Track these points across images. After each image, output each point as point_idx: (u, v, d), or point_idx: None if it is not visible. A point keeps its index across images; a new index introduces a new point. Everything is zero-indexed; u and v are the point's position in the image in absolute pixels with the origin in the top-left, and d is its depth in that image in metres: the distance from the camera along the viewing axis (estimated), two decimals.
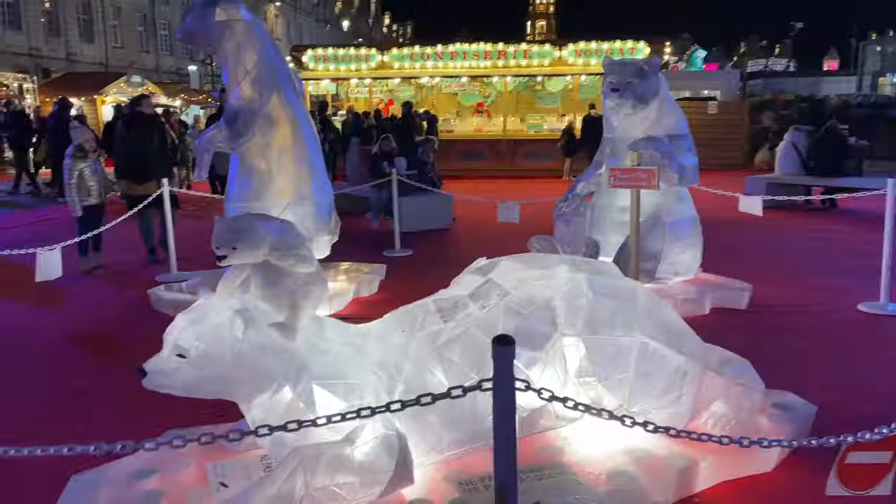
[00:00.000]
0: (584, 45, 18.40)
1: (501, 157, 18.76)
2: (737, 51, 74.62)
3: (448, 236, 9.45)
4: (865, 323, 5.21)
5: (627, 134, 5.81)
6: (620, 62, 5.79)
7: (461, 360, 2.82)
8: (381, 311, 3.40)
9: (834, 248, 8.06)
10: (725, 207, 10.54)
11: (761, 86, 35.20)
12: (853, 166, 12.27)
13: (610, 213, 6.10)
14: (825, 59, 60.20)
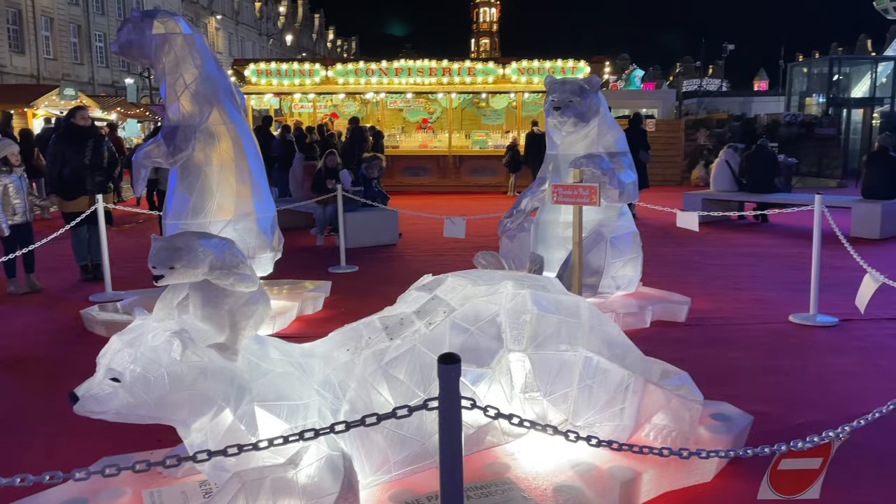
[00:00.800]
0: (526, 63, 18.76)
1: (447, 173, 18.87)
2: (673, 71, 77.20)
3: (394, 252, 9.42)
4: (796, 334, 5.42)
5: (569, 151, 5.93)
6: (562, 81, 5.90)
7: (408, 378, 2.80)
8: (326, 328, 3.35)
9: (766, 261, 8.38)
10: (664, 222, 10.88)
11: (696, 105, 36.46)
12: (783, 183, 12.83)
13: (553, 229, 6.19)
14: (755, 80, 62.91)
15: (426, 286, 3.25)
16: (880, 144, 11.03)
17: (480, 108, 20.36)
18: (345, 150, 14.18)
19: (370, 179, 9.81)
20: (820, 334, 5.39)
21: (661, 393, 3.15)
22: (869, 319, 5.43)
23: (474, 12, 73.72)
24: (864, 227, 9.70)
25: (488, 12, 73.35)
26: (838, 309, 5.80)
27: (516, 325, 3.00)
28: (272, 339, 2.90)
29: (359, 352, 2.86)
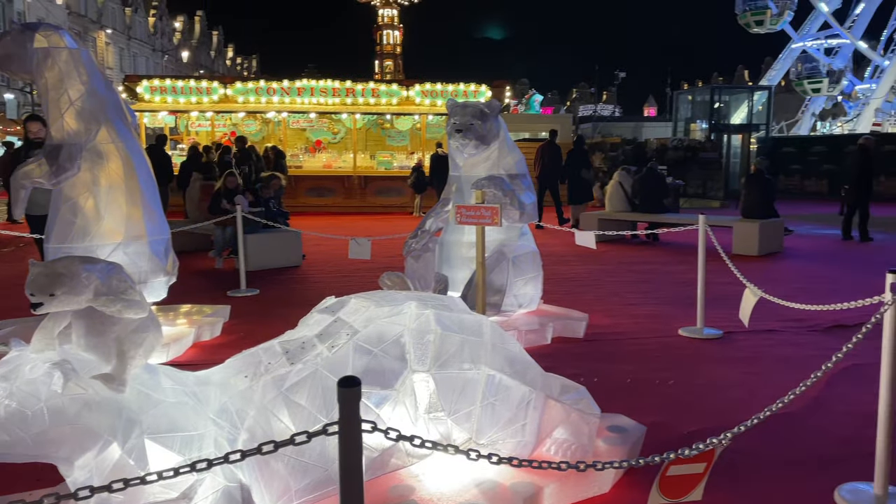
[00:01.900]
0: (430, 86, 19.03)
1: (352, 194, 18.77)
2: (570, 96, 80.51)
3: (297, 274, 9.24)
4: (686, 346, 5.72)
5: (471, 173, 6.05)
6: (463, 104, 6.02)
7: (309, 404, 2.74)
8: (224, 355, 3.24)
9: (658, 278, 8.82)
10: (563, 242, 11.25)
11: (592, 129, 38.14)
12: (671, 203, 13.59)
13: (458, 249, 6.27)
14: (645, 106, 66.58)
15: (328, 308, 3.21)
16: (756, 168, 11.91)
17: (385, 129, 20.44)
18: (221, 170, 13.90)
19: (268, 200, 9.61)
20: (707, 346, 5.72)
21: (560, 408, 3.23)
22: (749, 331, 5.81)
23: (377, 34, 74.15)
24: (744, 245, 10.41)
25: (391, 35, 73.97)
26: (723, 322, 6.18)
27: (420, 346, 3.01)
28: (164, 368, 2.77)
29: (258, 378, 2.77)
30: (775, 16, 33.58)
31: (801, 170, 24.19)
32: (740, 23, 35.07)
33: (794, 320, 6.29)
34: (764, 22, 34.00)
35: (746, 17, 34.49)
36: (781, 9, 33.75)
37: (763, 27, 34.33)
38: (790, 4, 33.70)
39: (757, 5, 33.94)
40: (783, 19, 33.89)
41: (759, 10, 33.90)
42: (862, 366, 4.85)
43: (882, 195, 18.90)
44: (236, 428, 2.63)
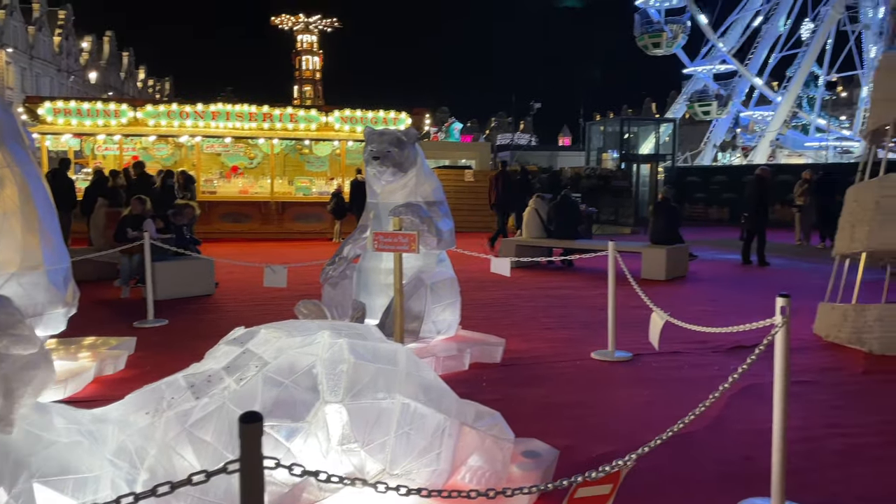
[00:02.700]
0: (349, 112, 19.01)
1: (269, 220, 18.41)
2: (489, 125, 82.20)
3: (209, 303, 8.94)
4: (598, 369, 5.88)
5: (389, 199, 6.07)
6: (380, 132, 6.05)
7: (215, 440, 2.64)
8: (127, 389, 3.08)
9: (572, 302, 9.05)
10: (480, 268, 11.39)
11: (509, 157, 39.03)
12: (585, 230, 14.02)
13: (375, 276, 6.24)
14: (560, 136, 68.80)
15: (237, 340, 3.12)
16: (663, 196, 12.48)
17: (304, 154, 20.21)
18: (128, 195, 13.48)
19: (180, 226, 9.29)
20: (618, 369, 5.89)
21: (475, 434, 3.25)
22: (657, 353, 6.03)
23: (297, 60, 73.62)
24: (653, 270, 10.85)
25: (311, 60, 73.61)
26: (633, 344, 6.39)
27: (333, 376, 2.96)
28: (57, 406, 2.61)
29: (160, 414, 2.65)
30: (671, 38, 35.96)
31: (704, 198, 25.51)
32: (639, 45, 37.25)
33: (698, 342, 6.58)
34: (661, 44, 36.35)
35: (644, 40, 36.76)
36: (676, 33, 36.13)
37: (660, 49, 36.63)
38: (684, 28, 36.14)
39: (653, 28, 36.22)
40: (678, 42, 36.33)
41: (655, 33, 36.20)
42: (761, 384, 5.12)
43: (778, 222, 20.13)
44: (136, 468, 2.50)
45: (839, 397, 5.11)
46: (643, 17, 36.68)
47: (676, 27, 35.98)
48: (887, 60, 6.44)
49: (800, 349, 6.37)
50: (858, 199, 6.49)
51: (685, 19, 35.92)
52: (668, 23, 36.12)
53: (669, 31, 35.98)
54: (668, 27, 36.04)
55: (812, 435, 4.27)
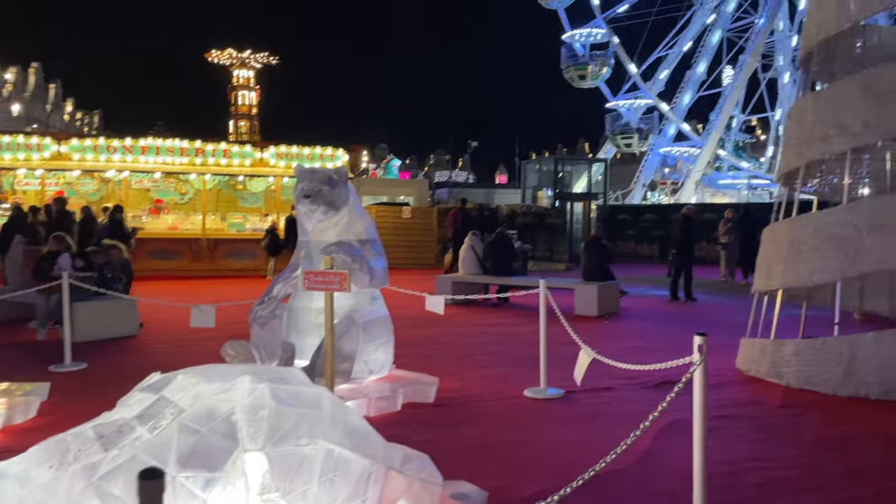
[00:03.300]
0: (285, 148, 18.86)
1: (201, 257, 17.94)
2: (427, 162, 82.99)
3: (133, 345, 8.58)
4: (531, 407, 5.90)
5: (320, 238, 6.01)
6: (311, 170, 6.02)
7: (125, 493, 2.50)
8: (36, 440, 2.90)
9: (507, 339, 9.10)
10: (415, 305, 11.35)
11: (447, 194, 39.38)
12: (520, 267, 14.19)
13: (306, 316, 6.14)
14: (497, 173, 69.98)
15: (152, 386, 2.99)
16: (594, 234, 12.79)
17: (238, 190, 19.89)
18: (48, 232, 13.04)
19: (102, 266, 8.95)
20: (549, 406, 5.93)
21: (402, 479, 3.19)
22: (588, 390, 6.11)
23: (233, 95, 72.81)
24: (585, 307, 11.05)
25: (247, 96, 72.93)
26: (565, 381, 6.43)
27: (253, 422, 2.87)
28: None
29: (65, 467, 2.50)
30: (595, 71, 37.62)
31: (634, 235, 26.28)
32: (565, 77, 38.77)
33: (627, 378, 6.69)
34: (586, 77, 38.03)
35: (570, 72, 38.40)
36: (600, 66, 37.82)
37: (586, 81, 38.28)
38: (607, 62, 37.90)
39: (578, 62, 37.87)
40: (602, 75, 37.98)
41: (580, 66, 37.86)
42: (688, 419, 5.22)
43: (704, 259, 20.90)
44: None
45: (758, 431, 5.28)
46: (569, 50, 38.34)
47: (600, 61, 37.72)
48: (796, 109, 6.85)
49: (722, 384, 6.58)
50: (773, 238, 6.81)
51: (609, 54, 37.64)
52: (592, 57, 37.81)
53: (594, 65, 37.72)
54: (592, 61, 37.78)
55: (733, 469, 4.38)
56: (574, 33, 37.89)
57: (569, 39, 38.21)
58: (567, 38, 38.21)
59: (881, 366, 5.83)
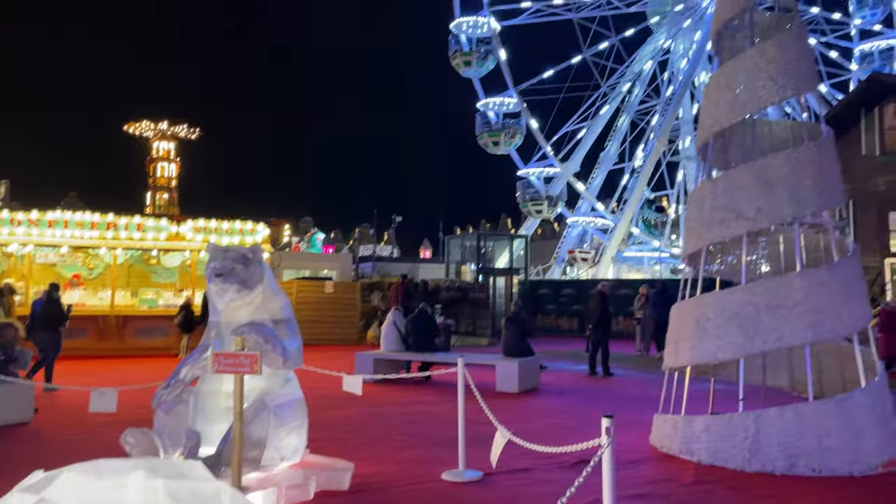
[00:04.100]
0: (203, 221, 18.46)
1: (108, 335, 17.03)
2: (351, 236, 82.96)
3: (24, 434, 7.94)
4: (448, 491, 5.76)
5: (232, 318, 5.83)
6: (224, 248, 5.89)
7: None
8: None
9: (427, 419, 8.95)
10: (333, 384, 11.08)
11: (371, 268, 39.32)
12: (442, 342, 14.17)
13: (215, 400, 5.87)
14: (421, 248, 70.67)
15: (32, 487, 2.74)
16: (514, 310, 12.97)
17: (151, 265, 19.20)
18: None
19: None
20: (468, 490, 5.81)
21: None
22: (507, 472, 6.04)
23: (151, 167, 71.28)
24: (506, 383, 11.06)
25: (167, 168, 71.58)
26: (484, 463, 6.34)
27: None
28: None
29: None
30: (508, 138, 39.23)
31: (555, 309, 26.83)
32: (480, 143, 40.20)
33: (545, 457, 6.64)
34: (500, 143, 39.53)
35: (484, 138, 39.98)
36: (512, 134, 39.48)
37: (500, 148, 39.78)
38: (519, 130, 39.62)
39: (492, 129, 39.43)
40: (515, 142, 39.57)
41: (494, 133, 39.42)
42: None
43: (621, 333, 21.49)
44: None
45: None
46: (483, 118, 39.95)
47: (512, 129, 39.42)
48: (696, 195, 7.28)
49: (639, 461, 6.64)
50: (681, 316, 7.09)
51: (521, 123, 39.37)
52: (505, 125, 39.47)
53: (506, 132, 39.40)
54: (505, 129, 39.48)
55: None
56: (487, 101, 39.57)
57: (483, 107, 39.89)
58: (481, 105, 39.90)
59: (785, 441, 6.05)
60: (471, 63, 38.80)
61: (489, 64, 38.72)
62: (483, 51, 38.64)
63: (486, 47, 38.60)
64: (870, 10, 40.50)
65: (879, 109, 17.68)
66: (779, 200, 6.45)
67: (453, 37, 39.38)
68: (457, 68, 39.48)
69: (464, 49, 38.93)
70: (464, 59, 38.89)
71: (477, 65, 38.77)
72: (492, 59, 38.45)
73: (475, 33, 39.02)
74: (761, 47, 6.91)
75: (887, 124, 17.54)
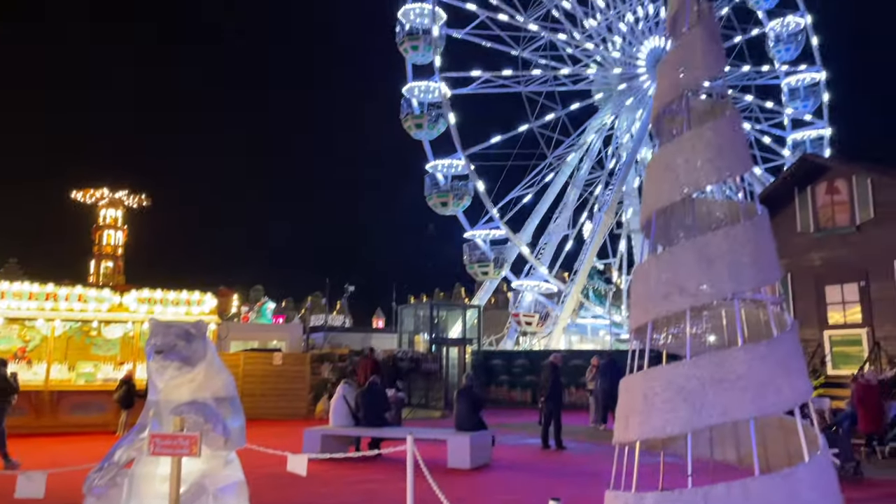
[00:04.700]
0: (148, 292, 18.02)
1: (42, 412, 16.18)
2: (303, 305, 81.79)
3: None
4: None
5: (172, 396, 5.62)
6: (166, 324, 5.73)
7: None
8: None
9: (374, 498, 8.67)
10: (278, 463, 10.69)
11: (322, 339, 38.64)
12: (394, 416, 13.89)
13: (150, 484, 5.57)
14: (374, 318, 69.95)
15: None
16: (465, 383, 12.86)
17: (91, 337, 18.50)
18: None
19: None
20: None
21: None
22: None
23: (97, 235, 69.45)
24: (458, 459, 10.85)
25: (114, 236, 69.85)
26: None
27: None
28: None
29: None
30: (456, 200, 39.72)
31: (508, 380, 26.72)
32: (429, 204, 40.55)
33: None
34: (448, 204, 40.02)
35: (433, 199, 40.38)
36: (461, 195, 39.98)
37: (448, 209, 40.23)
38: (467, 192, 40.12)
39: (440, 190, 39.96)
40: (463, 203, 40.03)
41: (442, 194, 39.91)
42: None
43: (574, 404, 21.45)
44: None
45: None
46: (431, 179, 40.47)
47: (460, 191, 39.99)
48: (641, 270, 7.46)
49: None
50: (629, 389, 7.13)
51: (469, 185, 39.94)
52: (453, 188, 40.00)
53: (455, 194, 39.93)
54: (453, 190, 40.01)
55: None
56: (436, 163, 40.22)
57: (432, 169, 40.53)
58: (430, 167, 40.53)
59: None
60: (422, 126, 39.61)
61: (440, 127, 39.59)
62: (434, 115, 39.58)
63: (437, 111, 39.56)
64: (801, 102, 43.44)
65: (812, 188, 18.63)
66: (719, 276, 6.66)
67: (405, 100, 40.27)
68: (408, 130, 40.24)
69: (415, 112, 39.78)
70: (415, 121, 39.68)
71: (428, 128, 39.60)
72: (442, 123, 39.33)
73: (427, 98, 40.01)
74: (698, 131, 7.27)
75: (819, 202, 18.45)
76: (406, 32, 39.41)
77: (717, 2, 42.86)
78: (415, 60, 39.74)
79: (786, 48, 42.79)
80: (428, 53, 39.14)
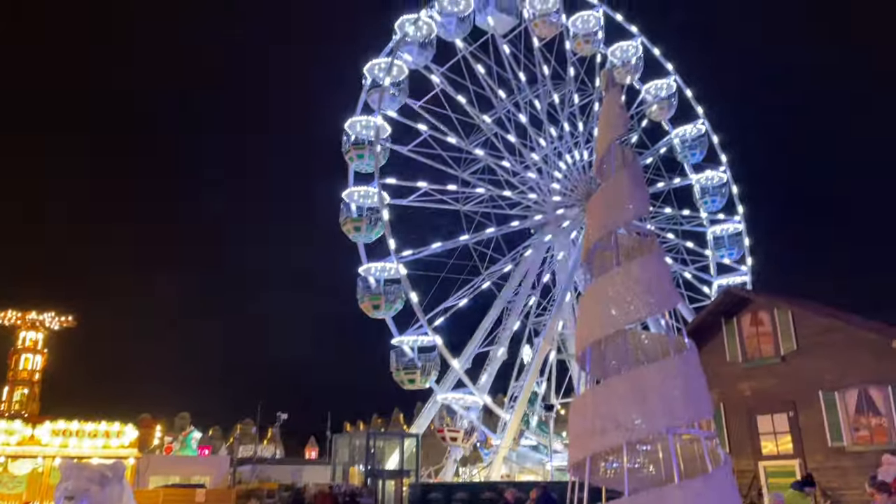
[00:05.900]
0: (64, 423, 16.87)
1: None
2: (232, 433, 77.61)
3: None
4: None
5: None
6: (80, 466, 5.35)
7: None
8: None
9: None
10: None
11: (250, 472, 36.44)
12: None
13: None
14: (307, 447, 66.73)
15: None
16: None
17: None
18: None
19: None
20: None
21: None
22: None
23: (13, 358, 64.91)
24: None
25: (32, 360, 65.41)
26: None
27: None
28: None
29: None
30: (388, 303, 38.98)
31: None
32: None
33: None
34: (380, 307, 39.17)
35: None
36: (429, 369, 39.05)
37: (380, 312, 39.38)
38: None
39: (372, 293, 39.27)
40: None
41: (374, 296, 39.19)
42: None
43: None
44: None
45: None
46: (364, 282, 40.00)
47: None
48: (578, 405, 7.51)
49: None
50: None
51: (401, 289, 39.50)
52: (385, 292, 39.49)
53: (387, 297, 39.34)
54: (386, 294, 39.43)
55: None
56: (369, 266, 40.07)
57: (364, 272, 40.31)
58: (363, 270, 40.31)
59: None
60: (360, 229, 39.98)
61: (378, 230, 40.01)
62: (373, 218, 40.11)
63: (376, 215, 40.14)
64: (727, 250, 46.50)
65: (737, 319, 19.41)
66: (653, 411, 6.75)
67: (345, 204, 40.90)
68: (347, 233, 40.47)
69: (353, 216, 40.30)
70: (354, 224, 40.09)
71: (367, 230, 40.00)
72: (381, 226, 39.79)
73: (366, 203, 40.70)
74: (626, 267, 7.62)
75: (745, 333, 19.17)
76: (352, 143, 40.91)
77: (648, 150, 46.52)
78: (359, 168, 41.08)
79: (712, 200, 46.51)
80: (371, 162, 40.50)
